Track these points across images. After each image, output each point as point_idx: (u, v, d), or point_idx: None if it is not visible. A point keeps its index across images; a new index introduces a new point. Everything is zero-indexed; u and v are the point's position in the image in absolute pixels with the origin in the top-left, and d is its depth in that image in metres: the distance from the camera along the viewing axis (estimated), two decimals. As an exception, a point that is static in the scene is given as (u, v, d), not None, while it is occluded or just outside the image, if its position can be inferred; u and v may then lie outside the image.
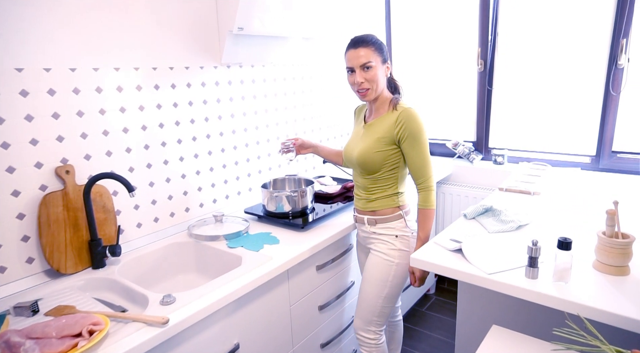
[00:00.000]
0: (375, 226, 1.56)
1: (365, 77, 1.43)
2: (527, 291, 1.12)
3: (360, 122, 1.61)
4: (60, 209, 1.34)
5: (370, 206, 1.56)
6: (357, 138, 1.56)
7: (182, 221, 1.75)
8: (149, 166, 1.61)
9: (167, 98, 1.64)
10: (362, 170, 1.52)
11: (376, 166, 1.48)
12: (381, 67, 1.45)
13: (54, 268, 1.33)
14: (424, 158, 1.45)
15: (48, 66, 1.29)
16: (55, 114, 1.32)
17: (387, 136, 1.45)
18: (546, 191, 1.89)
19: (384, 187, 1.52)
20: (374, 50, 1.42)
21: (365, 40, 1.42)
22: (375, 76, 1.43)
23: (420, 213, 1.50)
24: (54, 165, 1.34)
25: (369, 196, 1.55)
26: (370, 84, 1.44)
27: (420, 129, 1.42)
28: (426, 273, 1.49)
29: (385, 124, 1.46)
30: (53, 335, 0.97)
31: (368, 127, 1.53)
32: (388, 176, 1.50)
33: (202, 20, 1.70)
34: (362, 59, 1.41)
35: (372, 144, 1.47)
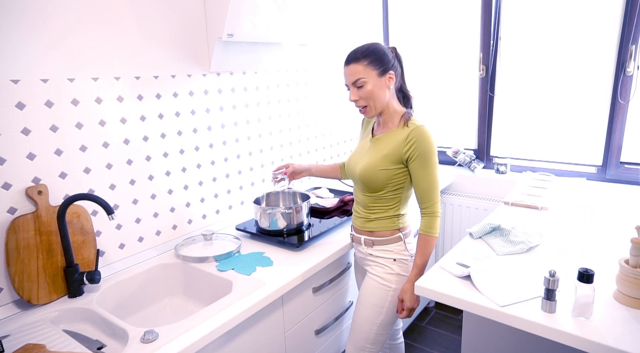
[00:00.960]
0: (373, 248, 1.47)
1: (359, 94, 1.35)
2: (544, 327, 1.02)
3: (368, 134, 1.51)
4: (31, 234, 1.22)
5: (368, 226, 1.47)
6: (362, 152, 1.47)
7: (169, 240, 1.64)
8: (132, 182, 1.49)
9: (152, 109, 1.52)
10: (364, 187, 1.43)
11: (379, 184, 1.38)
12: (379, 80, 1.34)
13: (24, 298, 1.21)
14: (432, 181, 1.35)
15: (16, 78, 1.17)
16: (25, 129, 1.20)
17: (394, 154, 1.35)
18: (554, 206, 1.80)
19: (386, 207, 1.43)
20: (367, 64, 1.31)
21: (356, 55, 1.33)
22: (370, 92, 1.33)
23: (421, 239, 1.40)
24: (24, 185, 1.22)
25: (368, 215, 1.46)
26: (366, 101, 1.35)
27: (431, 150, 1.32)
28: (417, 304, 1.39)
29: (394, 141, 1.36)
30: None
31: (375, 142, 1.43)
32: (391, 197, 1.41)
33: (189, 26, 1.58)
34: (352, 77, 1.33)
35: (377, 161, 1.37)
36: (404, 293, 1.39)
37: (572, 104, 2.24)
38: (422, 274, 1.37)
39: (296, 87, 2.17)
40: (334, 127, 2.49)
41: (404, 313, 1.40)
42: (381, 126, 1.44)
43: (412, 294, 1.37)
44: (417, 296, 1.37)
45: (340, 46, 2.37)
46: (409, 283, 1.38)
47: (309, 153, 2.32)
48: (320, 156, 2.42)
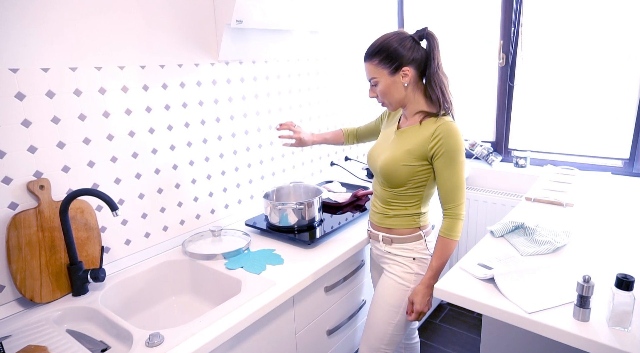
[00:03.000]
0: (391, 246, 1.40)
1: (375, 92, 1.34)
2: (577, 337, 0.94)
3: (394, 124, 1.43)
4: (33, 230, 1.17)
5: (387, 222, 1.39)
6: (386, 143, 1.39)
7: (177, 235, 1.59)
8: (137, 176, 1.44)
9: (158, 100, 1.46)
10: (385, 181, 1.36)
11: (401, 180, 1.31)
12: (390, 79, 1.28)
13: (27, 297, 1.17)
14: (457, 181, 1.27)
15: (15, 66, 1.11)
16: (25, 121, 1.15)
17: (419, 150, 1.27)
18: (579, 202, 1.70)
19: (406, 205, 1.35)
20: (378, 63, 1.27)
21: (368, 53, 1.30)
22: (383, 90, 1.30)
23: (440, 242, 1.31)
24: (25, 180, 1.17)
25: (386, 211, 1.39)
26: (382, 99, 1.33)
27: (459, 148, 1.25)
28: (428, 308, 1.32)
29: (419, 136, 1.28)
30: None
31: (400, 134, 1.35)
32: (412, 194, 1.33)
33: (196, 12, 1.51)
34: (368, 76, 1.32)
35: (400, 156, 1.30)
36: (415, 295, 1.32)
37: (596, 94, 2.12)
38: (437, 278, 1.30)
39: (307, 77, 2.09)
40: (347, 119, 2.41)
41: (412, 315, 1.33)
42: (408, 118, 1.37)
43: (423, 297, 1.31)
44: (428, 300, 1.31)
45: (354, 34, 2.28)
46: (421, 285, 1.31)
47: (320, 145, 2.25)
48: (333, 148, 2.35)
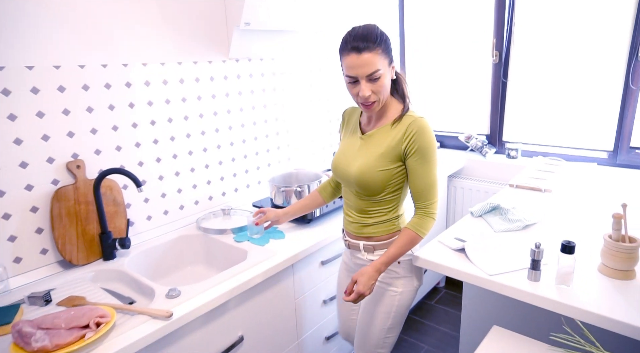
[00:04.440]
0: (374, 254, 1.33)
1: (372, 89, 1.17)
2: (528, 294, 1.11)
3: (355, 130, 1.35)
4: (71, 203, 1.38)
5: (366, 231, 1.32)
6: (353, 151, 1.30)
7: (192, 214, 1.79)
8: (158, 160, 1.64)
9: (176, 93, 1.66)
10: (361, 191, 1.27)
11: (378, 187, 1.24)
12: (389, 71, 1.20)
13: (66, 259, 1.38)
14: (431, 179, 1.21)
15: (57, 63, 1.32)
16: (65, 110, 1.36)
17: (393, 151, 1.21)
18: (559, 188, 1.85)
19: (385, 210, 1.29)
20: (381, 53, 1.14)
21: (370, 40, 1.13)
22: (383, 85, 1.17)
23: (407, 234, 1.23)
24: (65, 160, 1.38)
25: (364, 220, 1.32)
26: (377, 96, 1.18)
27: (432, 145, 1.20)
28: (369, 292, 1.20)
29: (390, 137, 1.22)
30: (62, 326, 1.02)
31: (367, 139, 1.28)
32: (390, 198, 1.28)
33: (210, 15, 1.70)
34: (369, 69, 1.14)
35: (375, 161, 1.23)
36: (361, 275, 1.20)
37: (584, 89, 2.25)
38: (388, 266, 1.23)
39: (310, 74, 2.27)
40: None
41: (351, 296, 1.19)
42: (373, 120, 1.29)
43: (369, 279, 1.19)
44: (372, 284, 1.20)
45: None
46: (371, 267, 1.20)
47: (322, 137, 2.43)
48: (336, 140, 2.52)
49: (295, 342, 1.60)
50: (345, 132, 1.41)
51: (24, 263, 1.33)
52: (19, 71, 1.25)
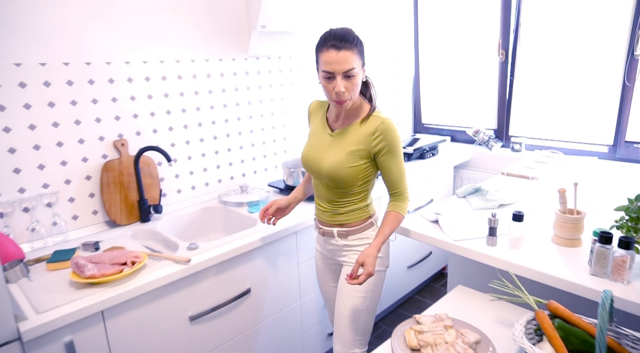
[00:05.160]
0: (347, 239, 1.41)
1: (346, 86, 1.24)
2: (486, 256, 1.31)
3: (323, 125, 1.41)
4: (116, 174, 1.70)
5: (338, 219, 1.40)
6: (323, 146, 1.38)
7: (215, 191, 2.08)
8: (187, 142, 1.94)
9: (203, 86, 1.95)
10: (331, 184, 1.36)
11: (349, 181, 1.33)
12: (361, 72, 1.28)
13: (112, 219, 1.70)
14: (402, 170, 1.34)
15: (109, 60, 1.64)
16: (113, 98, 1.68)
17: (362, 150, 1.31)
18: (546, 177, 1.99)
19: (355, 200, 1.38)
20: (357, 53, 1.23)
21: (348, 39, 1.21)
22: (356, 84, 1.26)
23: (391, 215, 1.33)
24: (112, 139, 1.70)
25: (335, 209, 1.40)
26: (350, 94, 1.26)
27: (399, 142, 1.31)
28: (374, 271, 1.26)
29: (359, 135, 1.31)
30: (107, 261, 1.32)
31: (337, 137, 1.36)
32: (359, 190, 1.37)
33: (234, 19, 1.98)
34: (346, 66, 1.21)
35: (345, 158, 1.31)
36: (367, 256, 1.24)
37: (586, 86, 2.36)
38: (382, 245, 1.31)
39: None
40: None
41: (361, 277, 1.22)
42: (341, 118, 1.37)
43: (375, 259, 1.25)
44: (375, 263, 1.26)
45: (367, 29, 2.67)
46: (373, 248, 1.27)
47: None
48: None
49: (298, 301, 1.85)
50: (312, 126, 1.48)
51: (80, 220, 1.66)
52: (81, 67, 1.57)
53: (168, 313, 1.39)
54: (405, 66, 3.05)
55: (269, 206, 1.53)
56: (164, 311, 1.38)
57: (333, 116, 1.40)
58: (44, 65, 1.49)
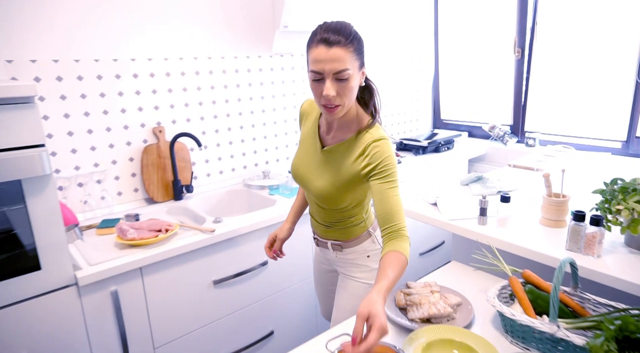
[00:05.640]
0: (342, 252, 1.32)
1: (337, 89, 1.04)
2: (477, 233, 1.44)
3: (314, 137, 1.25)
4: (155, 157, 1.94)
5: (332, 235, 1.31)
6: (313, 164, 1.23)
7: (240, 176, 2.30)
8: (216, 131, 2.16)
9: (232, 80, 2.17)
10: (321, 204, 1.25)
11: (342, 203, 1.21)
12: (358, 75, 1.08)
13: (150, 197, 1.94)
14: (398, 201, 1.09)
15: (150, 57, 1.88)
16: (154, 90, 1.92)
17: (353, 173, 1.14)
18: (550, 169, 2.08)
19: (350, 218, 1.26)
20: (353, 51, 1.04)
21: (343, 34, 1.02)
22: (351, 88, 1.06)
23: (393, 256, 1.01)
24: (152, 126, 1.94)
25: (329, 226, 1.29)
26: (342, 100, 1.06)
27: (392, 166, 1.10)
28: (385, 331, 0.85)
29: (349, 156, 1.15)
30: (145, 228, 1.55)
31: (328, 155, 1.19)
32: (355, 211, 1.25)
33: (260, 19, 2.19)
34: (338, 65, 1.02)
35: (336, 182, 1.16)
36: (371, 306, 0.86)
37: (601, 83, 2.41)
38: (388, 292, 0.94)
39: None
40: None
41: (369, 338, 0.82)
42: (333, 129, 1.20)
43: (382, 307, 0.88)
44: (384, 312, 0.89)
45: (388, 29, 2.81)
46: (377, 293, 0.90)
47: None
48: (367, 125, 2.90)
49: (311, 276, 2.03)
50: (303, 132, 1.32)
51: (123, 196, 1.91)
52: (126, 62, 1.82)
53: (195, 276, 1.61)
54: (425, 64, 3.17)
55: (272, 242, 1.45)
56: (192, 273, 1.60)
57: (325, 125, 1.23)
58: (97, 61, 1.74)
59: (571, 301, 1.10)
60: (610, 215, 1.22)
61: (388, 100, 2.99)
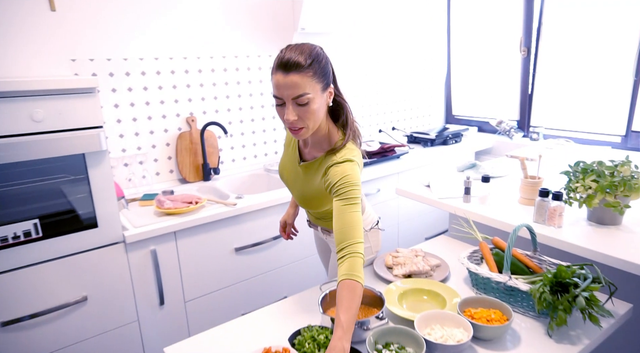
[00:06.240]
0: (331, 236, 1.44)
1: (299, 113, 1.09)
2: (462, 210, 1.64)
3: (294, 147, 1.33)
4: (187, 143, 2.24)
5: (320, 223, 1.45)
6: (292, 175, 1.34)
7: (261, 162, 2.57)
8: (241, 121, 2.45)
9: (256, 76, 2.44)
10: (303, 207, 1.39)
11: (321, 208, 1.32)
12: (321, 97, 1.11)
13: (183, 177, 2.25)
14: (354, 221, 1.08)
15: (185, 55, 2.18)
16: (187, 84, 2.22)
17: (320, 188, 1.23)
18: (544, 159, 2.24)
19: None
20: (312, 75, 1.07)
21: (299, 62, 1.05)
22: (312, 112, 1.09)
23: (344, 288, 1.00)
24: (185, 116, 2.24)
25: (317, 218, 1.44)
26: (305, 122, 1.11)
27: (351, 185, 1.11)
28: None
29: (317, 173, 1.23)
30: (179, 200, 1.84)
31: (304, 169, 1.28)
32: None
33: (282, 20, 2.45)
34: (295, 91, 1.06)
35: (313, 194, 1.26)
36: None
37: (602, 81, 2.55)
38: (350, 335, 0.95)
39: (346, 64, 2.91)
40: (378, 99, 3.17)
41: None
42: (309, 145, 1.27)
43: None
44: None
45: (402, 29, 3.02)
46: (338, 341, 0.93)
47: (363, 118, 3.05)
48: (382, 118, 3.12)
49: (322, 252, 2.28)
50: (286, 143, 1.40)
51: (160, 176, 2.22)
52: (166, 61, 2.12)
53: (219, 242, 1.89)
54: (438, 62, 3.35)
55: (284, 226, 1.65)
56: (216, 240, 1.88)
57: (302, 141, 1.29)
58: (141, 59, 2.05)
59: (530, 262, 1.30)
60: (572, 193, 1.41)
61: (402, 96, 3.20)
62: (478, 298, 1.16)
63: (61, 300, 1.54)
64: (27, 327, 1.50)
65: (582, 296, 1.02)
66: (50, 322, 1.53)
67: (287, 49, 1.10)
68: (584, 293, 1.03)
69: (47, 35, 1.79)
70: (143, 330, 1.74)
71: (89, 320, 1.61)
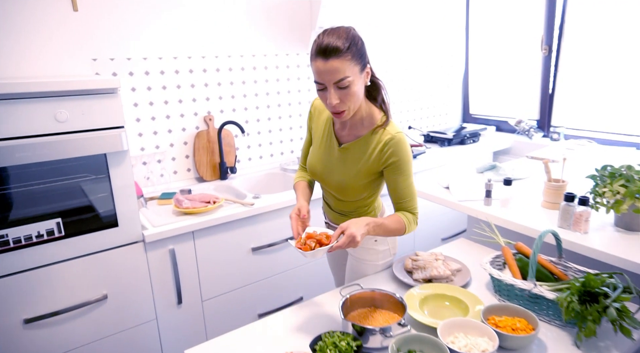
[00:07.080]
0: None
1: (340, 96, 1.13)
2: (483, 213, 1.62)
3: (330, 135, 1.33)
4: (205, 141, 2.24)
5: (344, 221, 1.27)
6: (331, 161, 1.32)
7: (277, 161, 2.57)
8: (257, 120, 2.44)
9: (273, 75, 2.43)
10: (338, 196, 1.35)
11: (357, 195, 1.32)
12: (360, 78, 1.15)
13: (200, 176, 2.25)
14: (412, 189, 1.26)
15: (203, 55, 2.18)
16: (205, 83, 2.22)
17: (371, 168, 1.25)
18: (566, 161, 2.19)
19: (364, 208, 1.37)
20: (351, 58, 1.10)
21: (338, 47, 1.08)
22: (353, 94, 1.14)
23: (395, 217, 1.24)
24: (203, 115, 2.24)
25: (343, 214, 1.41)
26: (346, 105, 1.15)
27: (409, 158, 1.23)
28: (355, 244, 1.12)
29: (367, 152, 1.25)
30: (197, 200, 1.85)
31: (345, 152, 1.29)
32: (368, 201, 1.36)
33: (300, 19, 2.44)
34: (336, 76, 1.09)
35: (355, 175, 1.27)
36: (353, 223, 1.14)
37: (627, 79, 2.47)
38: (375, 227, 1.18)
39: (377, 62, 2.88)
40: (400, 97, 3.14)
41: (341, 241, 1.11)
42: (347, 127, 1.29)
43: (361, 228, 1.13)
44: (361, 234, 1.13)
45: (420, 28, 2.98)
46: (364, 220, 1.16)
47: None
48: (397, 117, 3.09)
49: (337, 252, 2.27)
50: (316, 129, 1.39)
51: (178, 175, 2.23)
52: (184, 60, 2.13)
53: (236, 242, 1.89)
54: (456, 61, 3.30)
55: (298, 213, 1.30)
56: (234, 240, 1.88)
57: (339, 122, 1.32)
58: (160, 59, 2.06)
59: (555, 268, 1.27)
60: (599, 198, 1.37)
61: (419, 95, 3.16)
62: (502, 306, 1.14)
63: (82, 298, 1.56)
64: (49, 324, 1.52)
65: (613, 307, 0.99)
66: (71, 319, 1.56)
67: (324, 34, 1.12)
68: (615, 303, 1.00)
69: (69, 35, 1.80)
70: (161, 328, 1.76)
71: (109, 318, 1.63)
